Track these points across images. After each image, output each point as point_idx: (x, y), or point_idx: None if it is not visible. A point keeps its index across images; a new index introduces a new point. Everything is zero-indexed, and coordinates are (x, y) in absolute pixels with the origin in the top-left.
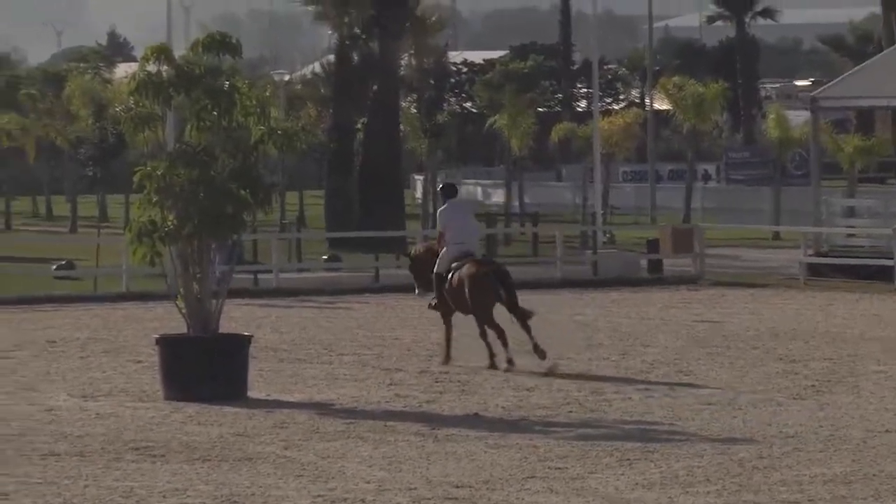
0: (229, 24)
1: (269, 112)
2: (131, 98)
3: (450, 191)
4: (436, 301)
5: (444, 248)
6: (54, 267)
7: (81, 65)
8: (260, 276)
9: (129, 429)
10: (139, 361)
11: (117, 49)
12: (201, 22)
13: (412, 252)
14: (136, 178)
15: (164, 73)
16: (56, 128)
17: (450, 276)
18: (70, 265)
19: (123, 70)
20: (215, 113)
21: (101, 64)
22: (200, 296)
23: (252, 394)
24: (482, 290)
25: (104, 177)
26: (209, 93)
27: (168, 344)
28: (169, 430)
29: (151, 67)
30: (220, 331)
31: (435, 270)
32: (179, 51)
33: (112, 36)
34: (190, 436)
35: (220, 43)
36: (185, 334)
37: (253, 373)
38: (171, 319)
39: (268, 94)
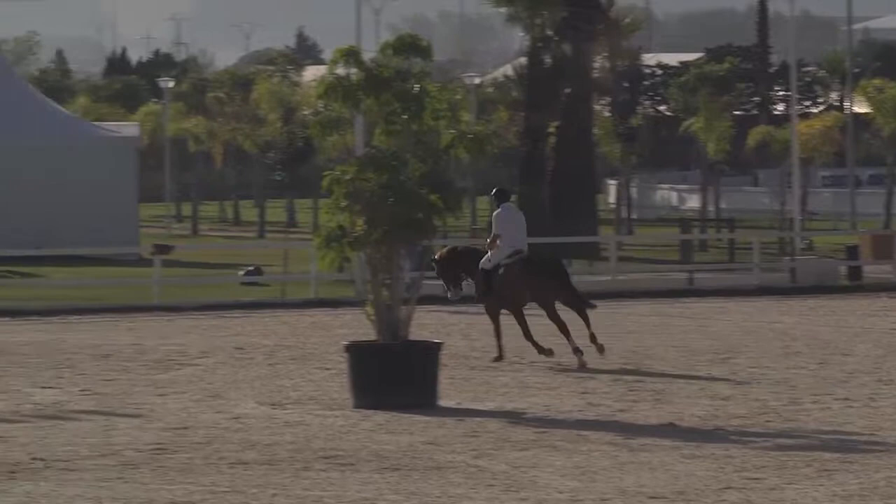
0: (419, 26)
1: (459, 115)
2: (320, 101)
3: (503, 196)
4: (481, 296)
5: (497, 248)
6: (242, 273)
7: (269, 68)
8: None
9: (318, 437)
10: (327, 369)
11: (306, 52)
12: (391, 24)
13: (437, 256)
14: (324, 183)
15: (353, 76)
16: (244, 132)
17: (500, 271)
18: (258, 271)
19: (312, 73)
20: (405, 116)
21: (289, 67)
22: (390, 302)
23: (442, 402)
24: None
25: (292, 181)
26: (399, 96)
27: (357, 351)
28: (358, 438)
29: (340, 70)
30: (410, 338)
31: (482, 267)
32: (369, 53)
33: (300, 38)
34: (379, 444)
35: (410, 45)
36: (374, 341)
37: (443, 380)
38: (359, 326)
39: (458, 97)
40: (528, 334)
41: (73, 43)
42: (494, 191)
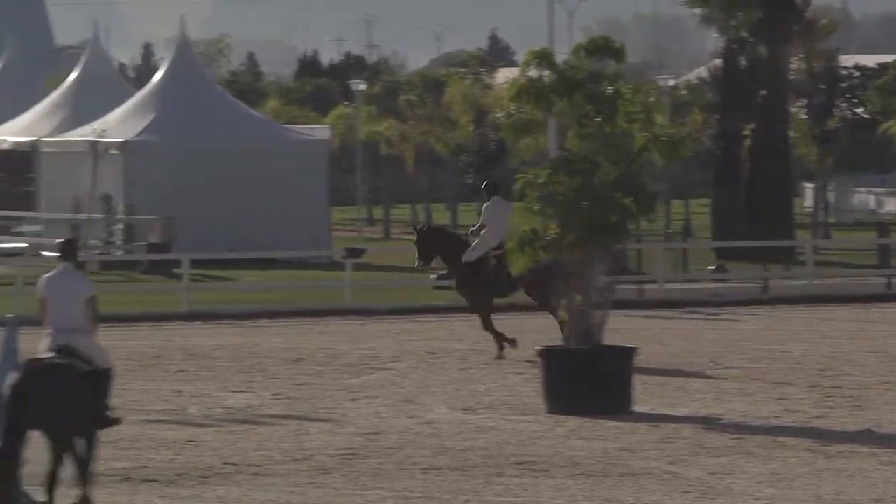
0: (613, 28)
1: (653, 118)
2: (512, 104)
3: (493, 189)
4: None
5: (482, 240)
6: (434, 276)
7: (461, 70)
8: (644, 286)
9: (511, 443)
10: (520, 373)
11: (498, 54)
12: (584, 26)
13: (419, 227)
14: (517, 187)
15: (546, 79)
16: (435, 134)
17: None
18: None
19: (504, 75)
20: (598, 119)
21: (482, 69)
22: (583, 307)
23: (636, 407)
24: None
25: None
26: (592, 98)
27: (550, 356)
28: (551, 444)
29: (533, 72)
30: (604, 343)
31: (466, 260)
32: (562, 55)
33: (493, 40)
34: (573, 450)
35: (603, 47)
36: (567, 346)
37: (637, 386)
38: (552, 331)
39: (652, 99)
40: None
41: (264, 45)
42: (485, 183)
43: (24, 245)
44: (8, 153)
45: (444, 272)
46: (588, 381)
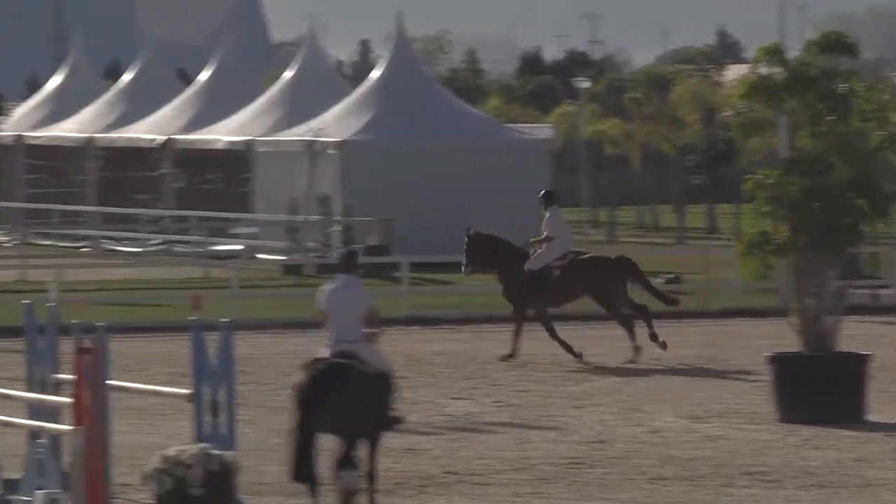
0: (846, 23)
1: (888, 116)
2: (741, 102)
3: (552, 198)
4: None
5: (547, 250)
6: (661, 281)
7: (689, 67)
8: (879, 291)
9: (741, 452)
10: (750, 381)
11: (727, 50)
12: (815, 21)
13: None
14: (746, 187)
15: (777, 76)
16: (661, 134)
17: (556, 272)
18: (677, 279)
19: (734, 72)
20: (831, 118)
21: (710, 66)
22: (816, 312)
23: (871, 416)
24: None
25: (712, 185)
26: (824, 96)
27: (782, 363)
28: (783, 453)
29: (763, 70)
30: (837, 349)
31: (529, 268)
32: (793, 52)
33: (721, 36)
34: (806, 460)
35: (835, 43)
36: (799, 353)
37: (872, 394)
38: (783, 337)
39: (887, 97)
40: (556, 334)
41: (485, 42)
42: (543, 193)
43: (240, 247)
44: (223, 153)
45: (672, 276)
46: (820, 388)
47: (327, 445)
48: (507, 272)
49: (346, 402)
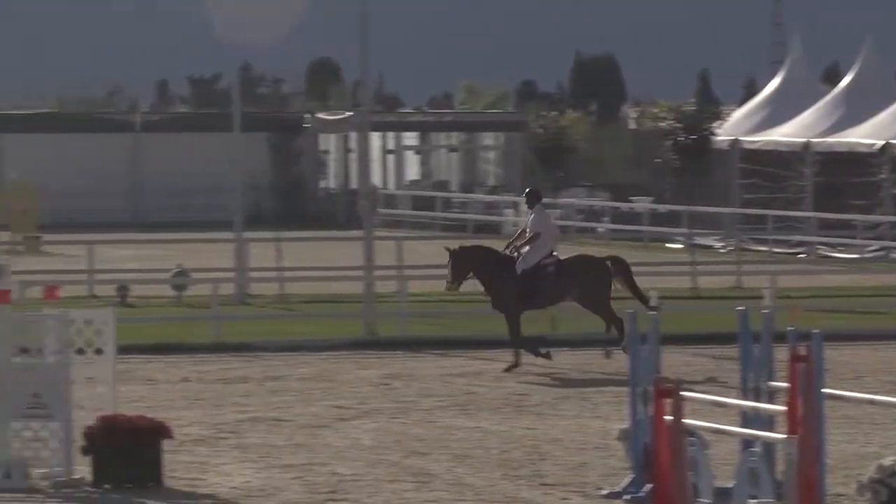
0: None
1: None
2: None
3: (536, 197)
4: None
5: (534, 248)
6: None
7: None
8: None
9: None
10: None
11: None
12: None
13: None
14: None
15: None
16: None
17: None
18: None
19: None
20: None
21: None
22: None
23: None
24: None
25: None
26: None
27: None
28: None
29: None
30: None
31: (523, 269)
32: None
33: None
34: None
35: None
36: None
37: None
38: None
39: None
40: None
41: None
42: (527, 191)
43: None
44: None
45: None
46: None
47: None
48: (498, 278)
49: None
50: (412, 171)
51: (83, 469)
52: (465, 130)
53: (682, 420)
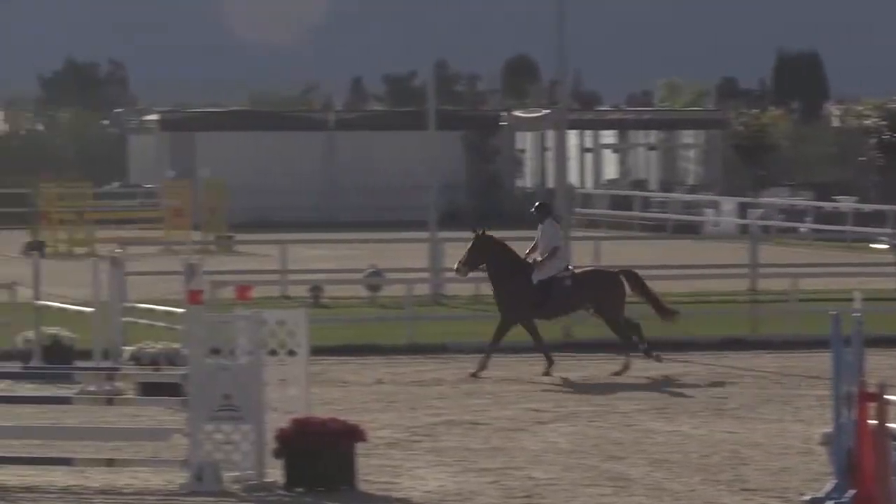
0: None
1: None
2: None
3: (547, 210)
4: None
5: (553, 260)
6: None
7: None
8: None
9: None
10: None
11: None
12: None
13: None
14: None
15: None
16: None
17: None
18: None
19: None
20: None
21: None
22: None
23: None
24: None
25: None
26: None
27: None
28: None
29: None
30: None
31: (539, 279)
32: None
33: None
34: None
35: None
36: None
37: None
38: None
39: None
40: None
41: None
42: (537, 205)
43: None
44: None
45: None
46: None
47: None
48: (512, 282)
49: None
50: (610, 169)
51: (275, 472)
52: (665, 128)
53: (887, 424)
